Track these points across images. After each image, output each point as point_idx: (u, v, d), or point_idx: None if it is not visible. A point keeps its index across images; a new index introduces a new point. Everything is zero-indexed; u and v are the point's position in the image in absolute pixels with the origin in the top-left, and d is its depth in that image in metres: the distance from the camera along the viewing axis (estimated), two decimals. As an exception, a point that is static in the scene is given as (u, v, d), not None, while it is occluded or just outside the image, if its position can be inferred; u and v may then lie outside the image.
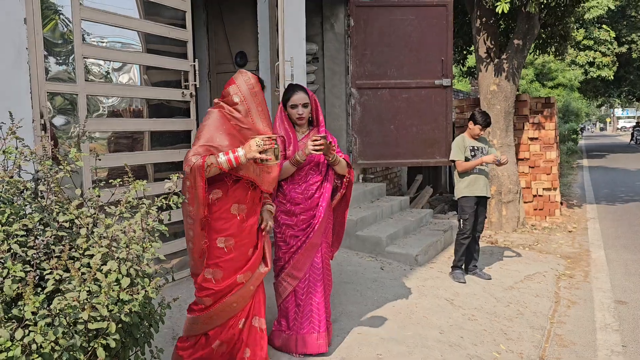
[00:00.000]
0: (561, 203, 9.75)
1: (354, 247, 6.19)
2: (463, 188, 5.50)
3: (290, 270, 3.45)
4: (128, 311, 1.58)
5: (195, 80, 4.72)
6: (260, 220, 2.95)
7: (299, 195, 3.48)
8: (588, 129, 57.83)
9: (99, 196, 1.94)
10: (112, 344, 1.54)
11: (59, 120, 3.76)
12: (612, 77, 18.13)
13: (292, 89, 3.54)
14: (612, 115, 65.40)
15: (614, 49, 17.39)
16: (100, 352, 1.52)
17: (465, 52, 11.53)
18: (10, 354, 1.39)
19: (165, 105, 4.71)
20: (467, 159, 5.49)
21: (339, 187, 3.64)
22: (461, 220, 5.52)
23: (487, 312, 4.64)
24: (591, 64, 17.52)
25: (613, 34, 17.11)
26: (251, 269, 2.86)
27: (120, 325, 1.59)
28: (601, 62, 17.32)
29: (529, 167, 9.13)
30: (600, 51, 17.28)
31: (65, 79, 3.70)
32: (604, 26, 17.03)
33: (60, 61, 3.71)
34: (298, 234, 3.46)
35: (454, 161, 5.55)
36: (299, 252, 3.44)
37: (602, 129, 73.40)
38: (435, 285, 5.20)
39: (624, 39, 18.00)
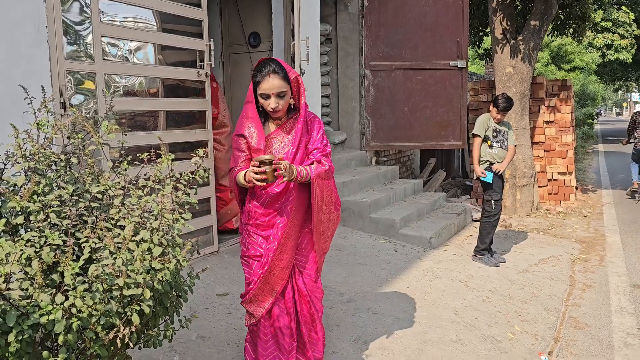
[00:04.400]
0: (576, 188, 9.69)
1: (368, 229, 6.23)
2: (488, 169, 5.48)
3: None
4: (160, 279, 1.62)
5: (210, 60, 4.73)
6: None
7: (262, 217, 2.70)
8: (604, 113, 57.12)
9: (127, 169, 1.98)
10: (146, 310, 1.58)
11: (77, 100, 3.80)
12: (631, 60, 17.81)
13: (263, 68, 2.54)
14: (629, 99, 64.40)
15: (633, 31, 17.01)
16: (135, 318, 1.56)
17: (481, 34, 11.41)
18: (51, 317, 1.44)
19: (180, 86, 4.73)
20: (486, 138, 5.50)
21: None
22: (492, 201, 5.50)
23: (501, 294, 4.66)
24: (609, 46, 17.20)
25: (632, 16, 16.72)
26: None
27: (151, 294, 1.64)
28: (619, 44, 16.99)
29: (544, 150, 9.07)
30: (618, 33, 16.94)
31: (84, 58, 3.73)
32: (623, 7, 16.67)
33: (79, 40, 3.73)
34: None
35: (474, 136, 5.55)
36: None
37: (618, 114, 72.46)
38: (449, 268, 5.23)
39: (643, 21, 17.66)
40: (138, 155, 1.99)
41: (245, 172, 2.52)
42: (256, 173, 2.37)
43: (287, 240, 2.64)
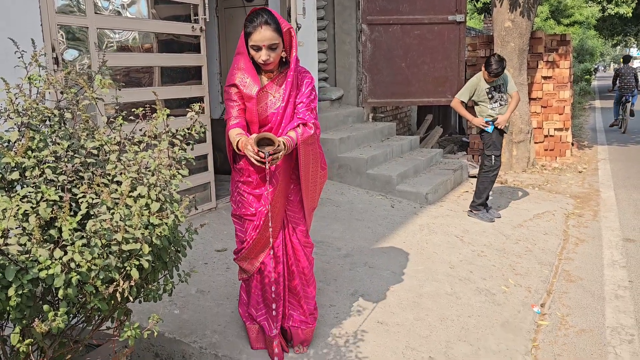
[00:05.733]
0: (572, 144, 9.70)
1: (364, 186, 6.25)
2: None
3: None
4: (159, 234, 1.62)
5: (205, 14, 4.63)
6: None
7: (254, 174, 2.67)
8: (602, 69, 56.57)
9: (122, 124, 1.96)
10: (145, 265, 1.60)
11: (70, 55, 3.73)
12: (631, 15, 17.51)
13: (255, 19, 2.46)
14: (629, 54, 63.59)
15: (634, -17, 16.69)
16: (134, 273, 1.58)
17: (480, -13, 11.15)
18: (50, 271, 1.45)
19: (175, 41, 4.63)
20: (476, 104, 5.45)
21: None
22: (492, 156, 5.49)
23: (496, 248, 4.72)
24: (609, 0, 16.90)
25: (634, -32, 16.39)
26: None
27: (150, 249, 1.64)
28: (620, -3, 16.68)
29: (541, 106, 9.02)
30: (619, -14, 16.61)
31: (75, 12, 3.64)
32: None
33: (69, -8, 3.63)
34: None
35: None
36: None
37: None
38: (445, 223, 5.27)
39: (645, -26, 17.25)
40: (133, 110, 1.96)
41: (240, 140, 2.48)
42: (255, 153, 2.34)
43: (277, 198, 2.65)
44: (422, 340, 3.07)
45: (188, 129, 1.99)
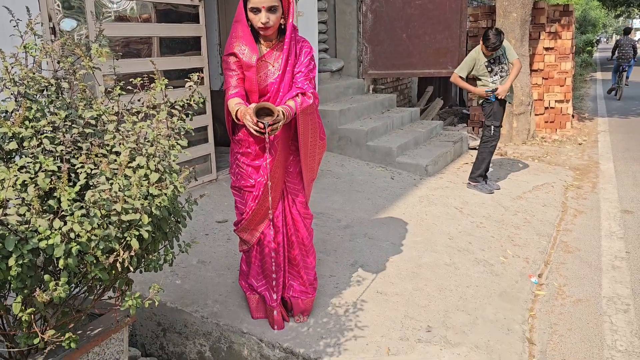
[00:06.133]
0: (572, 116, 9.66)
1: (365, 157, 6.24)
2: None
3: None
4: (158, 205, 1.63)
5: (203, -17, 4.55)
6: None
7: (253, 145, 2.67)
8: (604, 40, 55.89)
9: (120, 95, 1.94)
10: (145, 235, 1.60)
11: (66, 25, 3.67)
12: (634, -15, 17.27)
13: None
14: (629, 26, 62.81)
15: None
16: (134, 243, 1.58)
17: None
18: (50, 241, 1.45)
19: (174, 11, 4.56)
20: (477, 79, 5.40)
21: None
22: (492, 127, 5.46)
23: (495, 220, 4.74)
24: (613, -31, 16.63)
25: None
26: None
27: (150, 220, 1.65)
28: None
29: (542, 78, 8.95)
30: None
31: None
32: None
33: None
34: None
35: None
36: None
37: (618, 42, 70.86)
38: (444, 195, 5.28)
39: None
40: (131, 80, 1.94)
41: (239, 109, 2.47)
42: (254, 123, 2.32)
43: (276, 169, 2.64)
44: (420, 309, 3.11)
45: (187, 99, 1.97)
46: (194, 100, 1.94)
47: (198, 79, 1.99)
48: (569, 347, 3.02)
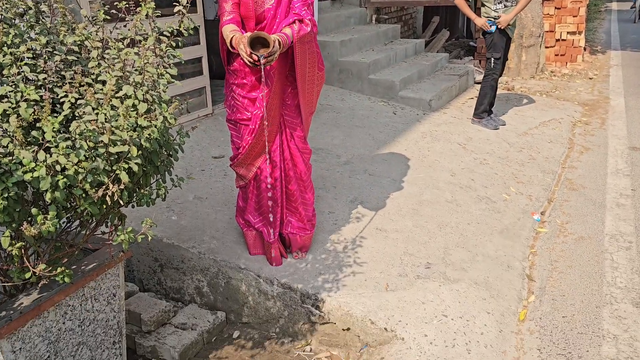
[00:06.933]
0: (584, 49, 9.35)
1: (366, 91, 6.08)
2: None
3: None
4: (148, 137, 1.54)
5: None
6: None
7: (249, 76, 2.57)
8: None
9: (104, 20, 1.81)
10: (135, 168, 1.53)
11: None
12: None
13: None
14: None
15: None
16: (124, 176, 1.52)
17: None
18: (35, 174, 1.39)
19: None
20: (482, 4, 5.15)
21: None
22: (492, 59, 5.26)
23: (499, 156, 4.66)
24: None
25: None
26: None
27: (139, 152, 1.57)
28: None
29: (555, 8, 8.58)
30: None
31: None
32: None
33: None
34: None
35: None
36: None
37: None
38: (448, 130, 5.18)
39: None
40: (115, 4, 1.80)
41: (234, 36, 2.34)
42: (249, 55, 2.24)
43: (273, 101, 2.53)
44: (420, 246, 3.09)
45: (176, 25, 1.85)
46: (183, 27, 1.81)
47: (187, 3, 1.85)
48: (568, 283, 3.01)
